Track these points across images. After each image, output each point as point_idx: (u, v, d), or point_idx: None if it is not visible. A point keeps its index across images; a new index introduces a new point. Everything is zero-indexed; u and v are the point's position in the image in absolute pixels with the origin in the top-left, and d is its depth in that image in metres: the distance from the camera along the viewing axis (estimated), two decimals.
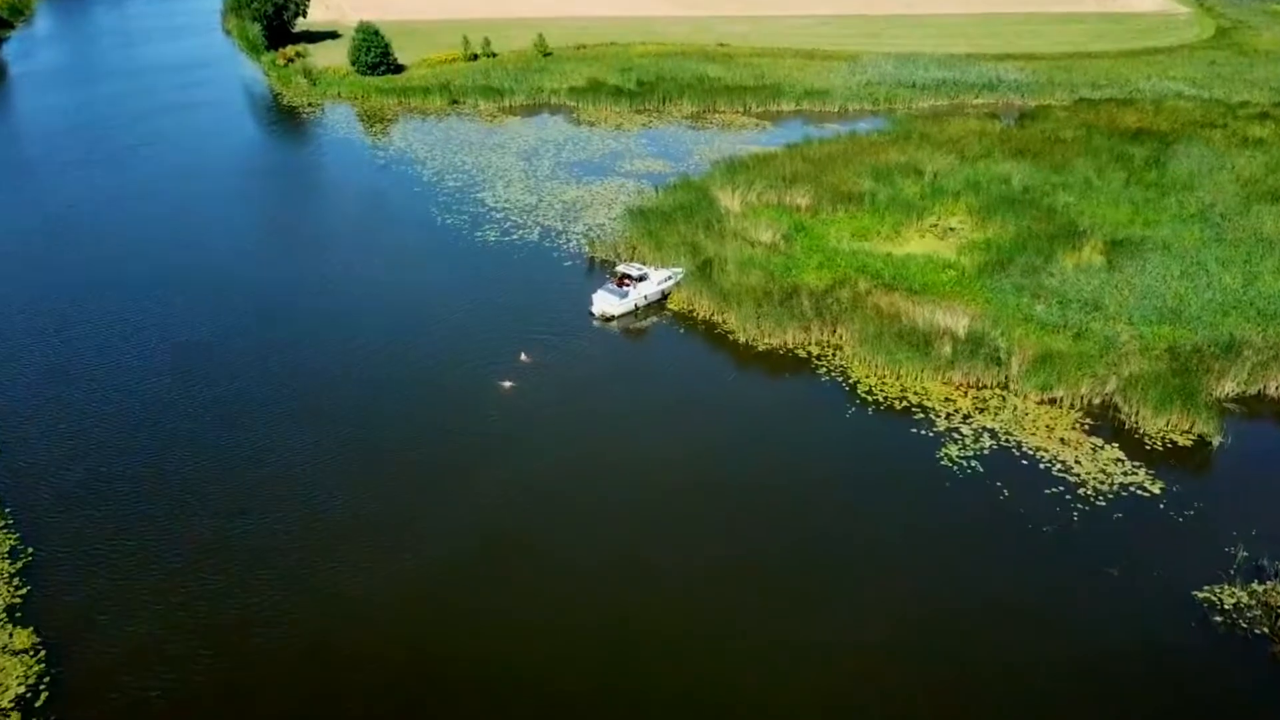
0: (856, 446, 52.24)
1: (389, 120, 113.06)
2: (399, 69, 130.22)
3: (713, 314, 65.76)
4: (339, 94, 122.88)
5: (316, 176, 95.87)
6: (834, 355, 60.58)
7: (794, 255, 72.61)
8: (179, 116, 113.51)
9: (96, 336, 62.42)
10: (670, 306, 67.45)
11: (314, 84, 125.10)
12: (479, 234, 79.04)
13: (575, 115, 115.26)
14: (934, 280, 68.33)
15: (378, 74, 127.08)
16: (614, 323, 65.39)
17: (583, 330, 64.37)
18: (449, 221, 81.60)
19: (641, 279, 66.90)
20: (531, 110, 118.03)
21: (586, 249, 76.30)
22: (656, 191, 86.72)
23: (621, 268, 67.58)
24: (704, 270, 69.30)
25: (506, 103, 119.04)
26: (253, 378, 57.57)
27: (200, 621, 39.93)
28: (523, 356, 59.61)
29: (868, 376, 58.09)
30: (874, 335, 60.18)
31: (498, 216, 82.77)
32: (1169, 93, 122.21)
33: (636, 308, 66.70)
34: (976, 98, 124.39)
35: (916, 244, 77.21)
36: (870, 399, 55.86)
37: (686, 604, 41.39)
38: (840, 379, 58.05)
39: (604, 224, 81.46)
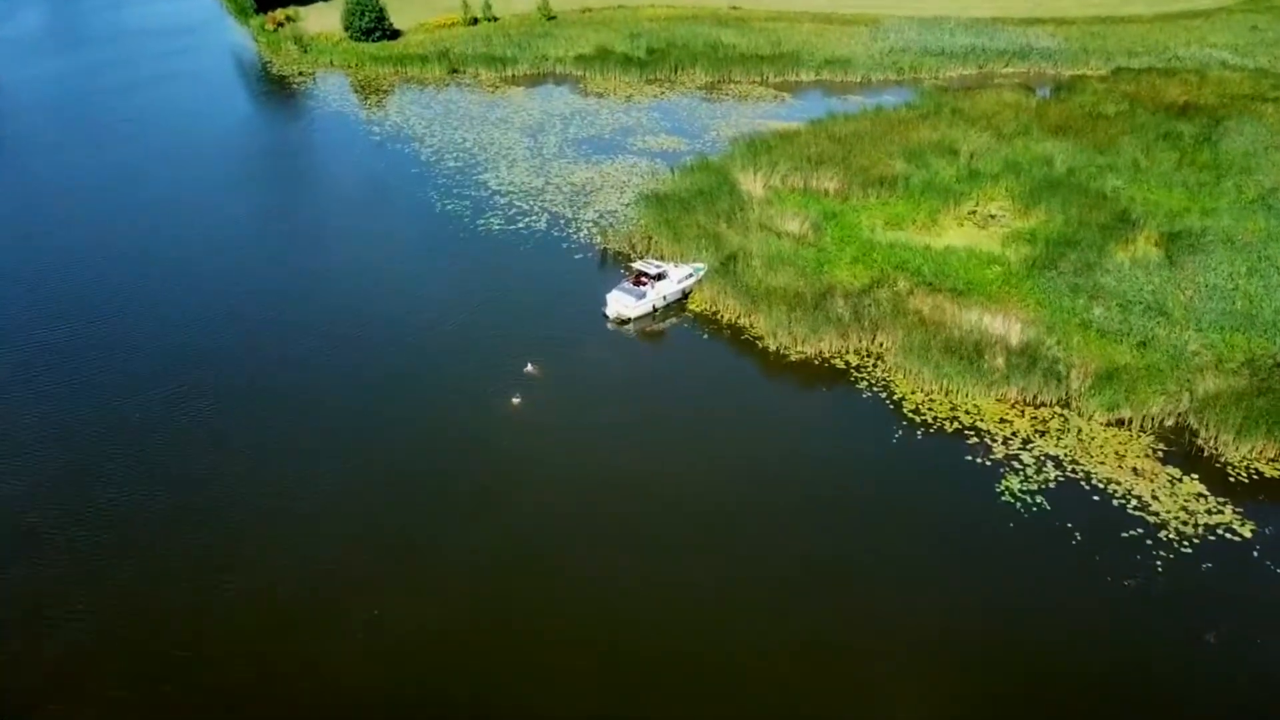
0: (905, 476, 46.83)
1: (384, 92, 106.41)
2: (395, 34, 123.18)
3: (739, 316, 60.07)
4: (331, 62, 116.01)
5: (307, 157, 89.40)
6: (874, 366, 55.00)
7: (825, 248, 66.74)
8: (161, 90, 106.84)
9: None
10: (691, 307, 61.76)
11: (305, 51, 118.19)
12: (481, 222, 73.08)
13: (582, 86, 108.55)
14: (979, 278, 62.52)
15: (372, 40, 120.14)
16: (630, 326, 59.79)
17: (596, 334, 58.80)
18: (449, 208, 75.58)
19: (660, 277, 61.13)
20: (536, 80, 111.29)
21: (598, 240, 70.43)
22: (672, 173, 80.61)
23: (638, 265, 61.77)
24: (728, 266, 63.53)
25: (509, 72, 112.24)
26: (237, 390, 52.20)
27: None
28: (529, 368, 54.12)
29: (914, 392, 52.58)
30: (919, 345, 54.57)
31: (501, 202, 76.74)
32: (1211, 61, 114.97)
33: (655, 309, 61.03)
34: (1006, 66, 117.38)
35: (956, 234, 71.32)
36: (918, 419, 50.40)
37: (706, 640, 36.57)
38: (883, 394, 52.55)
39: (616, 210, 75.48)
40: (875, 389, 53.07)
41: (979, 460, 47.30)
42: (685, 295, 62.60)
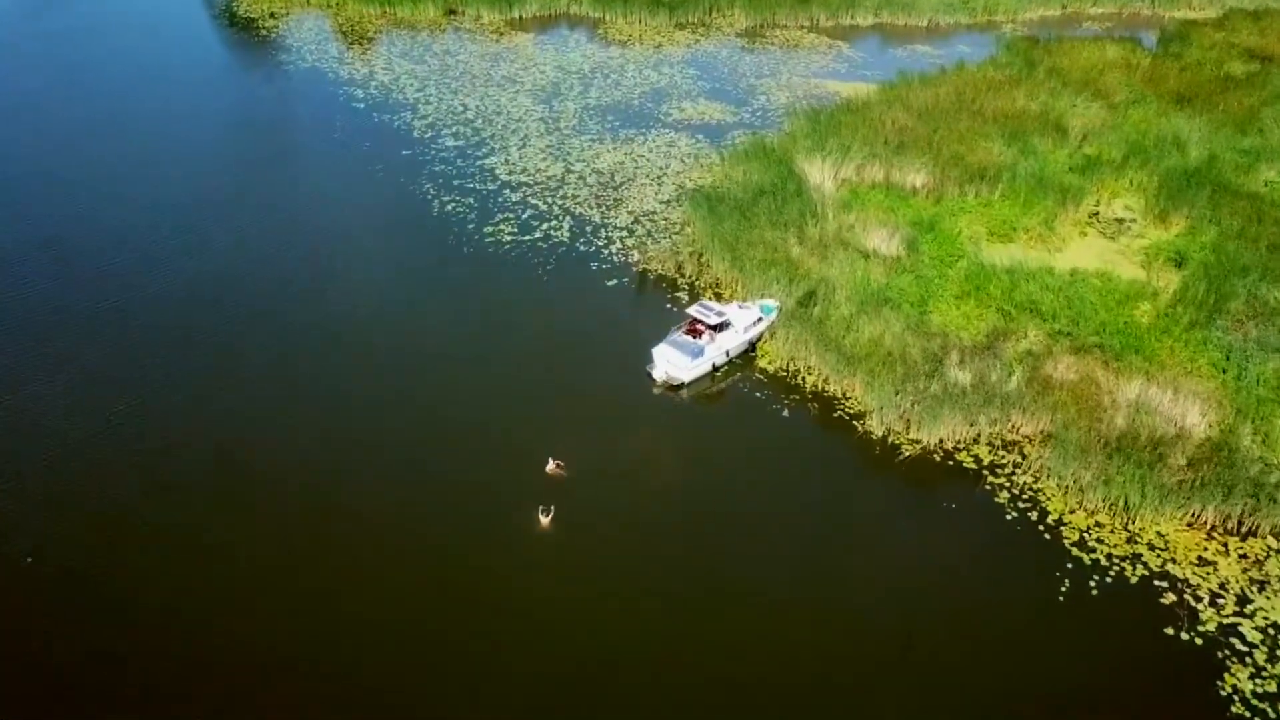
0: (1084, 660, 33.80)
1: (370, 40, 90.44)
2: None
3: (825, 380, 46.50)
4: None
5: (274, 136, 71.63)
6: (1014, 467, 41.71)
7: (923, 273, 52.84)
8: (99, 40, 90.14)
9: None
10: (762, 362, 48.16)
11: None
12: (489, 230, 58.80)
13: (602, 30, 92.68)
14: (1125, 323, 48.83)
15: None
16: (684, 391, 46.36)
17: (640, 405, 45.37)
18: (448, 209, 61.16)
19: (722, 327, 47.36)
20: (547, 23, 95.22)
21: (635, 257, 56.36)
22: (721, 159, 66.12)
23: (694, 310, 47.84)
24: (806, 304, 49.76)
25: (515, 13, 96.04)
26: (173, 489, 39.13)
27: None
28: (551, 465, 40.88)
29: (1073, 510, 39.39)
30: (1072, 439, 41.22)
31: (513, 199, 62.30)
32: None
33: (715, 368, 47.52)
34: (1094, 5, 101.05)
35: (1080, 248, 57.35)
36: (1086, 557, 37.32)
37: None
38: (1031, 512, 39.39)
39: (655, 211, 61.17)
40: (1019, 502, 39.88)
41: (1183, 635, 34.43)
42: (753, 346, 49.01)
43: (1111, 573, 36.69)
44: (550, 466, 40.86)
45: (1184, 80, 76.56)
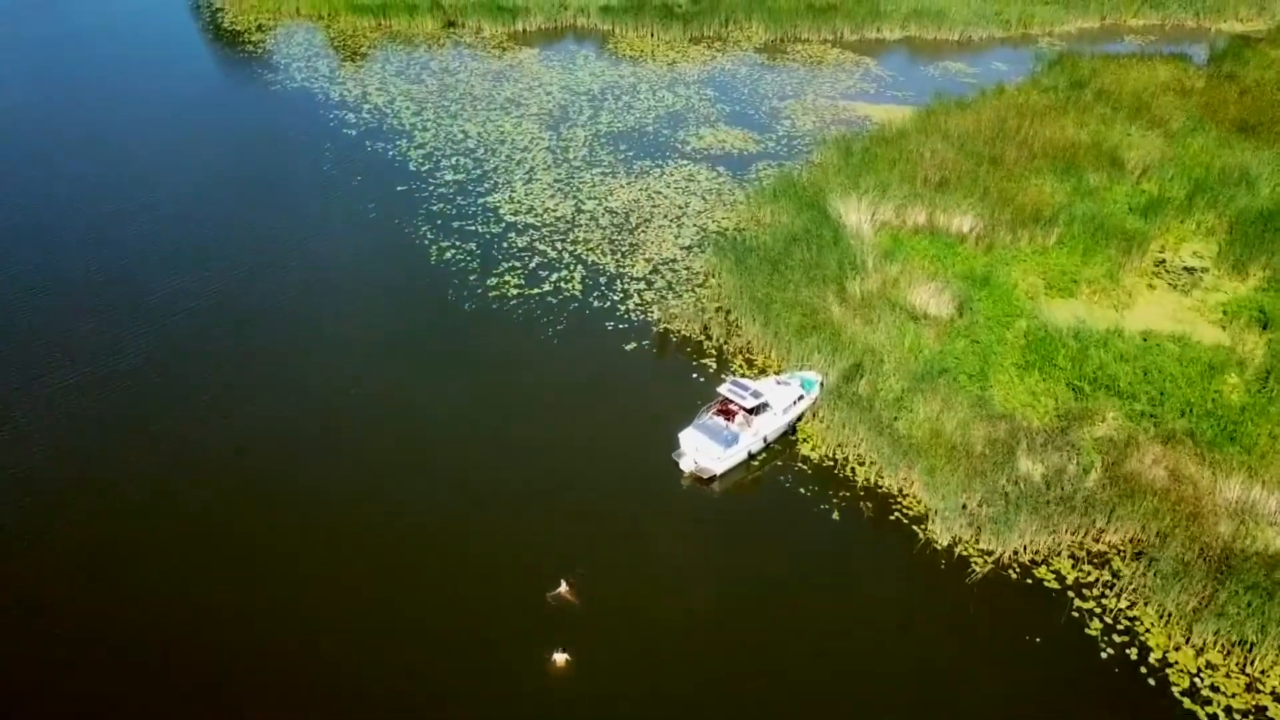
0: None
1: (364, 55, 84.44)
2: None
3: (878, 472, 40.76)
4: (299, 10, 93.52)
5: (256, 172, 64.50)
6: (1105, 588, 36.00)
7: (979, 336, 47.11)
8: (68, 54, 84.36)
9: None
10: (804, 448, 42.43)
11: None
12: (492, 282, 52.97)
13: (612, 46, 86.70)
14: (1212, 399, 43.12)
15: None
16: (716, 484, 40.65)
17: (667, 505, 39.62)
18: (448, 256, 55.32)
19: (759, 410, 41.60)
20: (552, 36, 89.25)
21: (655, 315, 50.55)
22: (746, 198, 60.39)
23: (726, 389, 41.99)
24: (851, 380, 44.01)
25: (519, 26, 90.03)
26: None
27: None
28: (562, 588, 35.17)
29: (1178, 647, 33.70)
30: (1172, 558, 35.50)
31: (519, 244, 56.49)
32: None
33: (751, 456, 41.80)
34: (1134, 16, 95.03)
35: (1149, 304, 51.69)
36: (1199, 708, 31.64)
37: None
38: (1131, 649, 33.68)
39: (675, 259, 55.38)
40: (1114, 633, 34.19)
41: None
42: (794, 426, 43.28)
43: None
44: (562, 589, 35.16)
45: (1245, 106, 70.72)
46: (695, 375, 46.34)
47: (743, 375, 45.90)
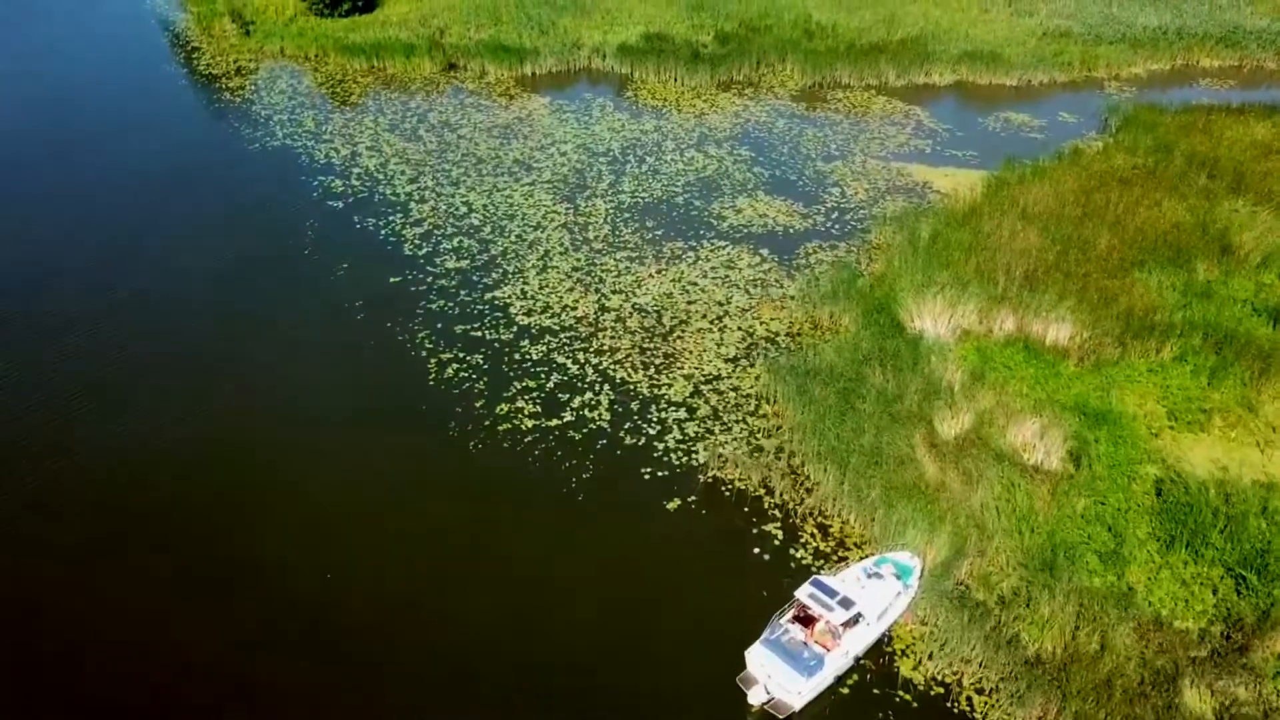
0: None
1: (355, 103, 75.46)
2: (370, 4, 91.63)
3: (1005, 709, 31.70)
4: (282, 49, 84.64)
5: (227, 252, 54.99)
6: None
7: (1104, 497, 38.18)
8: (32, 109, 75.50)
9: None
10: (905, 666, 33.34)
11: (247, 32, 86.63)
12: (502, 410, 43.90)
13: (632, 92, 77.76)
14: None
15: (340, 13, 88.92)
16: None
17: None
18: (449, 374, 46.29)
19: (853, 622, 32.53)
20: (564, 81, 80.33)
21: (702, 458, 41.53)
22: (799, 294, 51.56)
23: (807, 594, 32.68)
24: (954, 564, 35.07)
25: (527, 69, 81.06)
26: None
27: None
28: None
29: None
30: None
31: (534, 356, 47.52)
32: None
33: (838, 680, 32.78)
34: (1209, 57, 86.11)
35: None
36: None
37: None
38: None
39: (719, 375, 46.44)
40: None
41: None
42: (887, 635, 34.29)
43: None
44: None
45: None
46: (757, 549, 37.36)
47: (819, 560, 36.86)
